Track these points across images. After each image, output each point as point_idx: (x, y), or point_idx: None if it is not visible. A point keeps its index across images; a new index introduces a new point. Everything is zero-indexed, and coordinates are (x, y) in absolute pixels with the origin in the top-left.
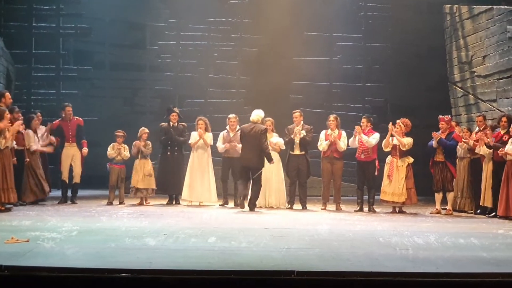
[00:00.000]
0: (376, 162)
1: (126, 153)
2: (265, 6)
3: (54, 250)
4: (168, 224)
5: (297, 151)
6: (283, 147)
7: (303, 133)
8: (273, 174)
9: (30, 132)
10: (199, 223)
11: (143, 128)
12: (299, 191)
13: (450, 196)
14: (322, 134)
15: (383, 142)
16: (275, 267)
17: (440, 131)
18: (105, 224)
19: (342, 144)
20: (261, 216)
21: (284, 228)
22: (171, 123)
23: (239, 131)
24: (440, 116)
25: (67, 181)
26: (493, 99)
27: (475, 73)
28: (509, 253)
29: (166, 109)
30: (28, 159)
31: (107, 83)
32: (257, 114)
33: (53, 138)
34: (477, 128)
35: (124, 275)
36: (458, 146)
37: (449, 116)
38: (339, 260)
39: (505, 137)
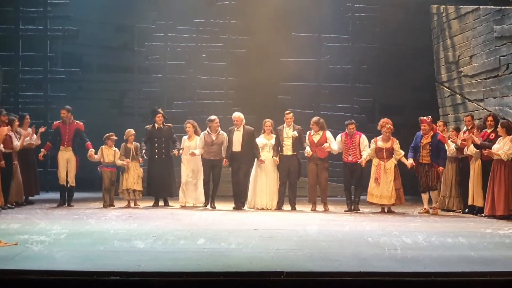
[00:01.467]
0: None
1: (117, 160)
2: (253, 7)
3: (43, 253)
4: (157, 226)
5: (288, 152)
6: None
7: (295, 133)
8: (266, 175)
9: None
10: (188, 225)
11: (129, 130)
12: (288, 192)
13: (434, 194)
14: (307, 136)
15: (369, 152)
16: (264, 268)
17: (421, 133)
18: (93, 227)
19: (334, 147)
20: (250, 217)
21: (273, 229)
22: (157, 125)
23: (221, 133)
24: (421, 118)
25: (66, 184)
26: (480, 99)
27: (462, 73)
28: (497, 252)
29: (151, 110)
30: (15, 162)
31: (95, 85)
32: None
33: (38, 141)
34: (465, 128)
35: (113, 278)
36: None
37: (430, 117)
38: (328, 260)
39: (492, 136)
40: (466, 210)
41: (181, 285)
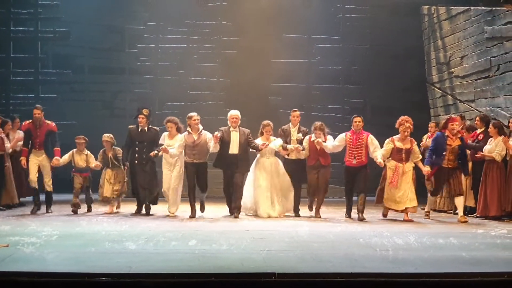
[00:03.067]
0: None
1: (92, 161)
2: (244, 9)
3: (34, 255)
4: (148, 227)
5: (293, 156)
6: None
7: (300, 136)
8: (270, 179)
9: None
10: (179, 226)
11: (105, 135)
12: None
13: (431, 199)
14: (306, 142)
15: (383, 153)
16: (255, 269)
17: (445, 134)
18: (84, 229)
19: (329, 145)
20: (242, 219)
21: (264, 230)
22: (140, 127)
23: (203, 133)
24: (453, 116)
25: (36, 187)
26: (471, 100)
27: (453, 74)
28: (488, 253)
29: (137, 109)
30: (7, 164)
31: (86, 86)
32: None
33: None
34: None
35: (104, 279)
36: None
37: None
38: (320, 261)
39: (480, 137)
40: (457, 210)
41: (172, 287)
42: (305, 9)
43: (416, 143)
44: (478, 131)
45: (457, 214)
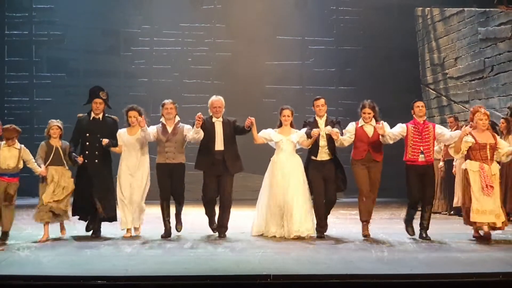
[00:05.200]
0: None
1: (33, 165)
2: (238, 11)
3: (30, 259)
4: (144, 230)
5: (324, 155)
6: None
7: (329, 128)
8: (285, 185)
9: None
10: (174, 229)
11: (52, 121)
12: (316, 212)
13: None
14: (351, 126)
15: (454, 145)
16: (251, 271)
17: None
18: (80, 232)
19: (392, 132)
20: (237, 221)
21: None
22: (93, 114)
23: (180, 125)
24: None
25: None
26: (465, 101)
27: (448, 75)
28: (483, 254)
29: (90, 91)
30: None
31: (81, 90)
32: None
33: None
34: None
35: (100, 282)
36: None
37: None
38: (315, 263)
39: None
40: (452, 212)
41: None
42: (299, 11)
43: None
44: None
45: (452, 215)
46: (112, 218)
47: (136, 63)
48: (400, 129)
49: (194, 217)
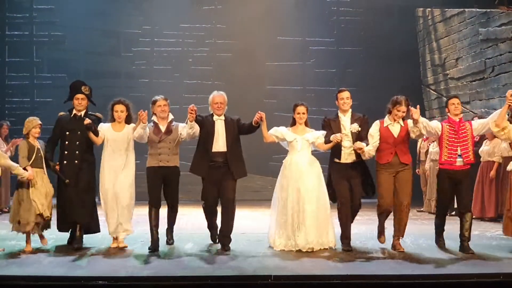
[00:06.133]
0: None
1: (15, 168)
2: (238, 12)
3: (30, 259)
4: (145, 230)
5: (349, 157)
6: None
7: (356, 126)
8: (300, 191)
9: None
10: (175, 229)
11: (31, 119)
12: (341, 220)
13: None
14: (375, 127)
15: (496, 118)
16: (252, 272)
17: None
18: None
19: (430, 125)
20: (238, 221)
21: (261, 232)
22: (75, 111)
23: (174, 124)
24: None
25: None
26: (466, 101)
27: (448, 76)
28: (484, 254)
29: (70, 86)
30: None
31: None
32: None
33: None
34: None
35: (100, 283)
36: (430, 148)
37: None
38: (316, 263)
39: (477, 138)
40: (453, 212)
41: None
42: (300, 11)
43: None
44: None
45: (453, 215)
46: (94, 230)
47: (137, 64)
48: (436, 123)
49: (195, 218)
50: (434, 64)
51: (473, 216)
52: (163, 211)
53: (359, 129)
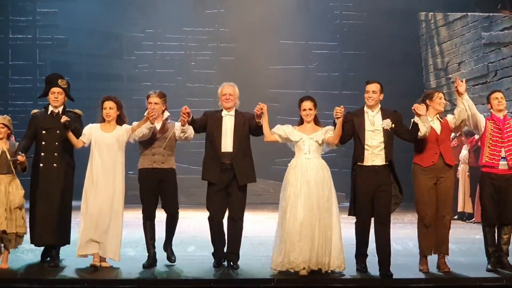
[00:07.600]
0: None
1: None
2: (241, 15)
3: (34, 262)
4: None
5: (376, 159)
6: None
7: (389, 123)
8: (312, 204)
9: None
10: (178, 232)
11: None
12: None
13: None
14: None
15: None
16: (254, 276)
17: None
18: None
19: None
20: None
21: (263, 236)
22: (51, 108)
23: (170, 122)
24: None
25: None
26: None
27: (451, 80)
28: (485, 258)
29: (46, 80)
30: None
31: (85, 93)
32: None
33: None
34: (453, 134)
35: (103, 286)
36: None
37: None
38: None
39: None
40: (456, 216)
41: None
42: (302, 15)
43: None
44: (477, 136)
45: (455, 220)
46: (63, 240)
47: (140, 67)
48: (481, 116)
49: (197, 221)
50: (436, 68)
51: (475, 221)
52: (162, 213)
53: (392, 125)
